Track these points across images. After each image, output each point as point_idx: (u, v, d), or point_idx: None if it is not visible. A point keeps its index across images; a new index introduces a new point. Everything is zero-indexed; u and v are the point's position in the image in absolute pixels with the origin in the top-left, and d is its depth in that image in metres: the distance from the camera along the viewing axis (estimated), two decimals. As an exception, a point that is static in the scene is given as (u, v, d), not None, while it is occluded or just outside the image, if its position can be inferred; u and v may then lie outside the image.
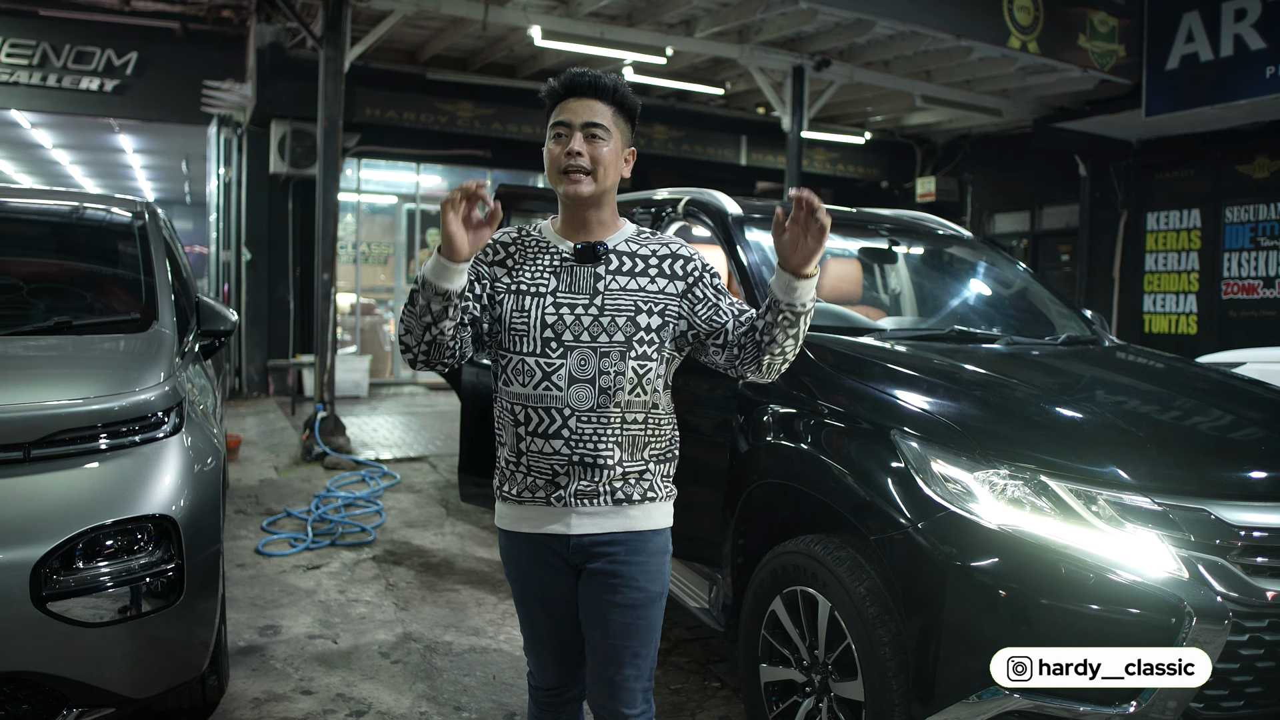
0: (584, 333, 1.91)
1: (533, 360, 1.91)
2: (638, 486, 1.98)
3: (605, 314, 1.92)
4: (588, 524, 1.95)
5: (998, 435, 2.46)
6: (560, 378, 1.90)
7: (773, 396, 3.03)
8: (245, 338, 10.75)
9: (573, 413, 1.91)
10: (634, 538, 1.98)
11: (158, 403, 2.82)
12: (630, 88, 2.02)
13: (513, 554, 2.05)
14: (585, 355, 1.91)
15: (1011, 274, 4.35)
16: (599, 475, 1.93)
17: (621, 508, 1.97)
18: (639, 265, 1.97)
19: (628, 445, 1.96)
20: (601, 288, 1.94)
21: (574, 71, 1.96)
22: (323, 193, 7.16)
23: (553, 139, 1.94)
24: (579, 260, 1.96)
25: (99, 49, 10.42)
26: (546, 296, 1.93)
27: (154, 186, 22.07)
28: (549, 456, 1.93)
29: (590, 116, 1.92)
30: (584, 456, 1.92)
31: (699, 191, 4.00)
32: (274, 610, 4.02)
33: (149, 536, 2.60)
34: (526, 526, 1.99)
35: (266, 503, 5.80)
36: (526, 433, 1.94)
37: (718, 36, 8.59)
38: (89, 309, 3.38)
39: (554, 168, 1.93)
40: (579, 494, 1.94)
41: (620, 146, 1.96)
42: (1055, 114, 10.74)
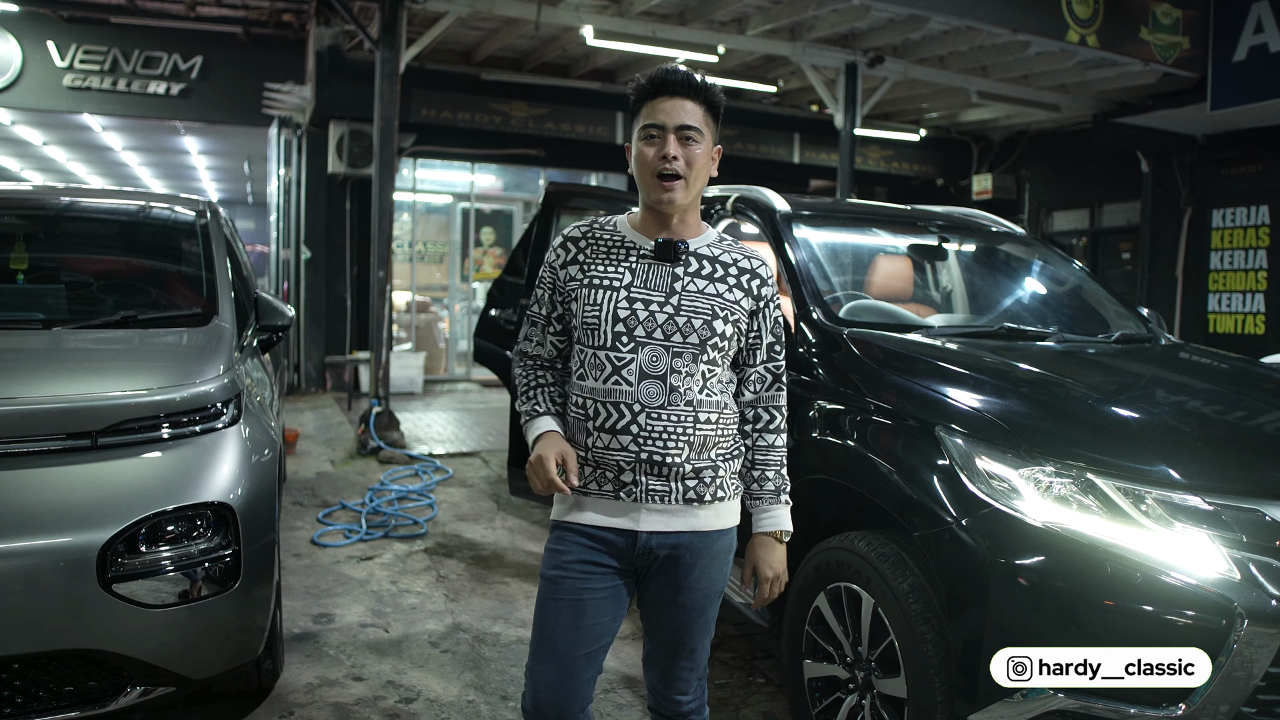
0: (657, 329, 1.90)
1: (603, 354, 1.91)
2: (709, 486, 1.95)
3: (681, 314, 1.91)
4: (657, 521, 1.93)
5: (1044, 432, 2.43)
6: (630, 373, 1.89)
7: (820, 392, 3.03)
8: (304, 334, 10.99)
9: (642, 409, 1.89)
10: (701, 538, 1.96)
11: (217, 394, 2.91)
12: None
13: (562, 549, 1.97)
14: (657, 352, 1.89)
15: (1065, 271, 4.28)
16: (668, 472, 1.91)
17: (691, 507, 1.95)
18: (718, 271, 1.96)
19: (697, 444, 1.93)
20: (679, 287, 1.93)
21: (666, 69, 1.94)
22: (379, 192, 7.29)
23: (644, 140, 1.91)
24: (658, 257, 1.95)
25: (166, 54, 10.73)
26: (620, 291, 1.92)
27: (218, 187, 22.66)
28: (615, 453, 1.91)
29: (684, 118, 1.89)
30: (652, 454, 1.90)
31: (747, 189, 4.01)
32: (328, 599, 4.13)
33: (208, 523, 2.69)
34: (590, 519, 1.95)
35: (322, 495, 5.94)
36: (594, 428, 1.92)
37: (769, 34, 8.56)
38: (153, 304, 3.50)
39: (646, 170, 1.91)
40: (650, 491, 1.92)
41: (710, 146, 1.95)
42: (1116, 109, 10.51)
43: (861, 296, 3.75)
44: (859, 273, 4.01)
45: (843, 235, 4.02)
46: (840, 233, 4.01)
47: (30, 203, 4.04)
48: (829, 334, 3.14)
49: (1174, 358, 3.41)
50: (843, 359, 3.06)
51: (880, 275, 4.07)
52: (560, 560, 1.96)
